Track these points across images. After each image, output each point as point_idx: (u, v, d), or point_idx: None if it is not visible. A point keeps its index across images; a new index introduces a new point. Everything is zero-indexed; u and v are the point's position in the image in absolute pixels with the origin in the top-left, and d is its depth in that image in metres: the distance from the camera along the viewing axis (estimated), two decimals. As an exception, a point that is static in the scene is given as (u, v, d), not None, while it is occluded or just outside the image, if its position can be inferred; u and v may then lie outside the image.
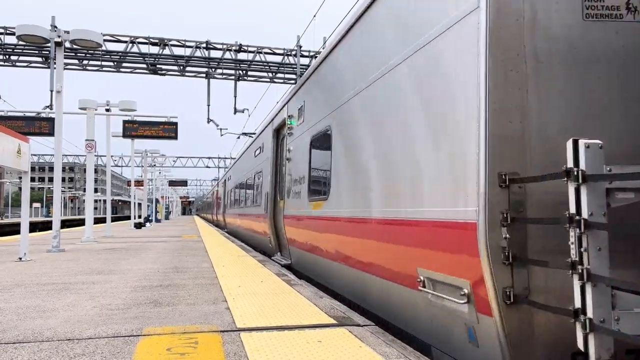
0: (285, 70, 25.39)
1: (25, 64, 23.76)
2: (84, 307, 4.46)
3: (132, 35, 23.76)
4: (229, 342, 3.24)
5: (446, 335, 3.61)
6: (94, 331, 3.55)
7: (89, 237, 13.69)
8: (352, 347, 3.12)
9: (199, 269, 7.20)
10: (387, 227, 4.28)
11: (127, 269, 7.24)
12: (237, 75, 25.14)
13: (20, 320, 3.90)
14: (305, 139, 7.57)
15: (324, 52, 6.80)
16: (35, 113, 17.02)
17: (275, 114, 10.79)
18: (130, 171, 28.66)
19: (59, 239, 10.51)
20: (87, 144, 14.47)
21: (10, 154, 7.84)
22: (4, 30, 22.85)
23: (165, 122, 17.48)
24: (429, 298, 3.62)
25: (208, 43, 24.49)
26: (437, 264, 3.51)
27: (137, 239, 14.98)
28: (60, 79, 11.13)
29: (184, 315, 4.08)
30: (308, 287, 5.60)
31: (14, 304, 4.61)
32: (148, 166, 35.01)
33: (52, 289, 5.51)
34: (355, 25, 5.31)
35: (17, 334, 3.48)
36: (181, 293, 5.16)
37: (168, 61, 24.42)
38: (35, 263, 8.18)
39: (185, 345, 3.17)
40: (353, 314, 4.17)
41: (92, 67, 24.48)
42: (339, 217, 5.70)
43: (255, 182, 13.70)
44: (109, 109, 16.57)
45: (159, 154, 34.15)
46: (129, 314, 4.12)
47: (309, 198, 7.21)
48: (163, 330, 3.57)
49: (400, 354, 2.98)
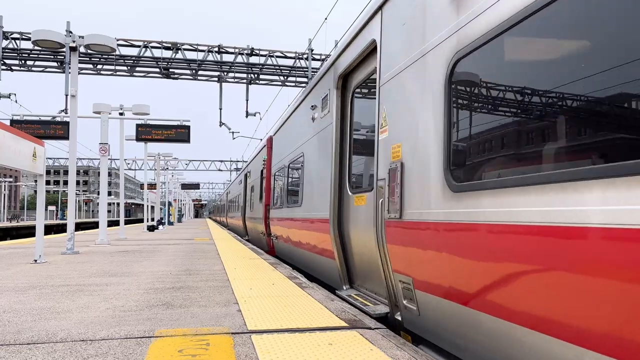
0: (296, 74, 25.48)
1: (40, 69, 24.14)
2: (97, 308, 4.50)
3: (145, 40, 24.04)
4: (240, 344, 3.25)
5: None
6: (107, 332, 3.58)
7: (102, 240, 13.83)
8: (363, 350, 3.11)
9: (211, 272, 7.24)
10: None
11: (140, 271, 7.30)
12: (249, 79, 25.29)
13: (34, 321, 3.95)
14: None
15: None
16: (51, 117, 17.24)
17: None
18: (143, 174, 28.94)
19: (74, 242, 10.63)
20: (101, 147, 14.64)
21: (26, 157, 7.96)
22: (19, 36, 23.24)
23: (178, 126, 17.60)
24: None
25: (220, 47, 24.68)
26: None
27: (150, 242, 15.10)
28: (75, 83, 11.27)
29: (195, 317, 4.10)
30: (319, 290, 5.60)
31: (29, 305, 4.67)
32: (161, 169, 35.28)
33: (67, 290, 5.57)
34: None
35: (32, 334, 3.53)
36: (193, 295, 5.19)
37: (181, 65, 24.65)
38: (50, 265, 8.28)
39: (197, 347, 3.19)
40: (364, 317, 4.16)
41: (106, 71, 24.81)
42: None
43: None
44: (122, 113, 16.76)
45: (172, 157, 34.42)
46: (141, 316, 4.15)
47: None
48: (175, 332, 3.59)
49: (411, 357, 2.97)
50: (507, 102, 3.08)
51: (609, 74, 2.32)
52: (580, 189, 2.37)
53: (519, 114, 2.97)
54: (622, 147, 2.26)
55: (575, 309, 2.37)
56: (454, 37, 3.52)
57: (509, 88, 3.06)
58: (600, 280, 2.23)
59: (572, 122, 2.63)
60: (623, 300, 2.12)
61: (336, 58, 6.75)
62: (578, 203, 2.38)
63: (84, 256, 9.96)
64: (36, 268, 7.84)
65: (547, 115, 2.75)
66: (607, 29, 2.35)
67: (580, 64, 2.53)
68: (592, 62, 2.44)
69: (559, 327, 2.46)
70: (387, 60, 4.84)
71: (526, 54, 2.88)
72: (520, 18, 2.83)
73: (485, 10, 3.16)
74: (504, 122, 3.10)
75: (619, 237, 2.15)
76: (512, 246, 2.79)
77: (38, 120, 16.24)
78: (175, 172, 47.97)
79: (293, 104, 10.48)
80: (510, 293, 2.79)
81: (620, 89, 2.27)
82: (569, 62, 2.61)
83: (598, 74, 2.40)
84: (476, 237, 3.12)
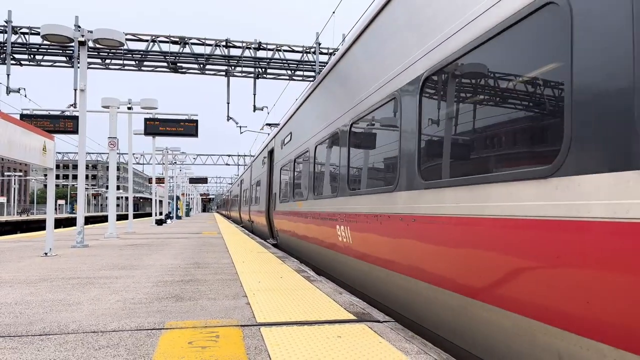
0: (304, 68, 25.41)
1: (49, 64, 24.25)
2: (107, 300, 4.55)
3: (153, 34, 24.07)
4: (249, 337, 3.27)
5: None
6: (117, 324, 3.62)
7: (111, 234, 13.93)
8: (372, 343, 3.12)
9: (220, 265, 7.27)
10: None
11: (149, 265, 7.35)
12: (257, 73, 25.26)
13: (46, 313, 4.00)
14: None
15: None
16: (60, 111, 17.35)
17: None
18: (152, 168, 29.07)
19: (83, 235, 10.72)
20: (110, 141, 14.72)
21: (36, 151, 8.02)
22: (28, 30, 23.34)
23: (186, 120, 17.65)
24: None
25: (228, 41, 24.66)
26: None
27: (158, 235, 15.19)
28: (84, 77, 11.32)
29: (205, 309, 4.13)
30: (327, 284, 5.61)
31: (40, 297, 4.73)
32: (169, 164, 35.43)
33: (77, 283, 5.63)
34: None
35: (44, 326, 3.57)
36: (202, 288, 5.22)
37: (188, 59, 24.66)
38: (60, 258, 8.35)
39: (207, 339, 3.21)
40: (372, 310, 4.17)
41: (115, 65, 24.87)
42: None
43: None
44: (130, 107, 16.83)
45: (180, 151, 34.54)
46: (151, 308, 4.19)
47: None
48: (185, 324, 3.62)
49: (420, 350, 2.98)
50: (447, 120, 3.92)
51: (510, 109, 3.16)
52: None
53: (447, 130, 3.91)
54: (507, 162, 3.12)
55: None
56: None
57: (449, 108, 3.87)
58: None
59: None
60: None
61: (267, 144, 10.26)
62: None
63: (93, 249, 10.05)
64: (47, 261, 7.91)
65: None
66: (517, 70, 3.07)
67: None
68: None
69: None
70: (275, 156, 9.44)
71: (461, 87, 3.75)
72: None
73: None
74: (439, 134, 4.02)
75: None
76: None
77: (47, 114, 16.36)
78: (183, 166, 48.15)
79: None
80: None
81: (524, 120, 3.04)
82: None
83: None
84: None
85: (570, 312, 2.43)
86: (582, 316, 2.35)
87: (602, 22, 2.31)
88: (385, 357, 2.85)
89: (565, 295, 2.45)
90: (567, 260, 2.45)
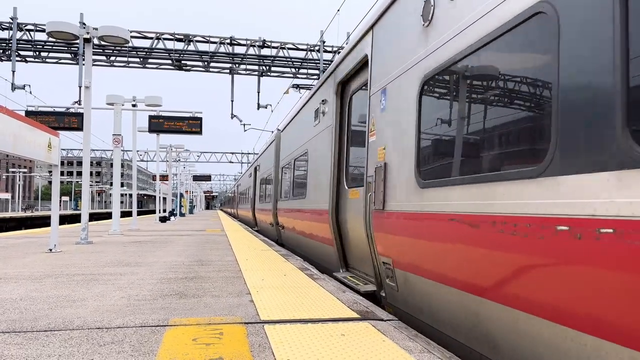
0: (308, 66, 25.41)
1: (54, 60, 24.35)
2: (112, 297, 4.56)
3: (157, 32, 24.12)
4: (253, 334, 3.28)
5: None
6: (122, 320, 3.63)
7: (115, 230, 13.98)
8: (375, 341, 3.12)
9: (223, 262, 7.29)
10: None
11: (153, 261, 7.38)
12: (261, 71, 25.28)
13: (50, 309, 4.02)
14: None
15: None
16: (65, 108, 17.41)
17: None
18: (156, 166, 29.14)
19: (87, 232, 10.76)
20: (114, 138, 14.76)
21: (41, 147, 8.06)
22: (34, 27, 23.43)
23: (190, 117, 17.68)
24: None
25: (232, 39, 24.70)
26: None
27: (162, 232, 15.23)
28: (89, 74, 11.36)
29: (209, 307, 4.14)
30: (331, 282, 5.62)
31: (45, 293, 4.75)
32: (173, 161, 35.50)
33: (82, 279, 5.65)
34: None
35: (49, 322, 3.59)
36: (206, 285, 5.24)
37: (193, 57, 24.70)
38: (64, 254, 8.39)
39: (211, 336, 3.22)
40: (376, 309, 4.17)
41: (119, 63, 24.94)
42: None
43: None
44: (135, 104, 16.85)
45: (184, 148, 34.59)
46: (155, 305, 4.20)
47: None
48: (189, 321, 3.63)
49: (423, 349, 2.98)
50: (455, 118, 3.75)
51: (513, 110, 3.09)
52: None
53: (456, 129, 3.73)
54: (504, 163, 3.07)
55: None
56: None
57: (458, 106, 3.73)
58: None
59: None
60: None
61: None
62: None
63: (97, 246, 10.08)
64: (51, 257, 7.95)
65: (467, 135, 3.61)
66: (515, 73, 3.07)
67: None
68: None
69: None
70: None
71: (467, 86, 3.62)
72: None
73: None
74: (450, 134, 3.81)
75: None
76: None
77: (52, 111, 16.43)
78: (187, 163, 48.24)
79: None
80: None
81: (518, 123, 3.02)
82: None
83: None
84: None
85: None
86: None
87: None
88: (389, 355, 2.85)
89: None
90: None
